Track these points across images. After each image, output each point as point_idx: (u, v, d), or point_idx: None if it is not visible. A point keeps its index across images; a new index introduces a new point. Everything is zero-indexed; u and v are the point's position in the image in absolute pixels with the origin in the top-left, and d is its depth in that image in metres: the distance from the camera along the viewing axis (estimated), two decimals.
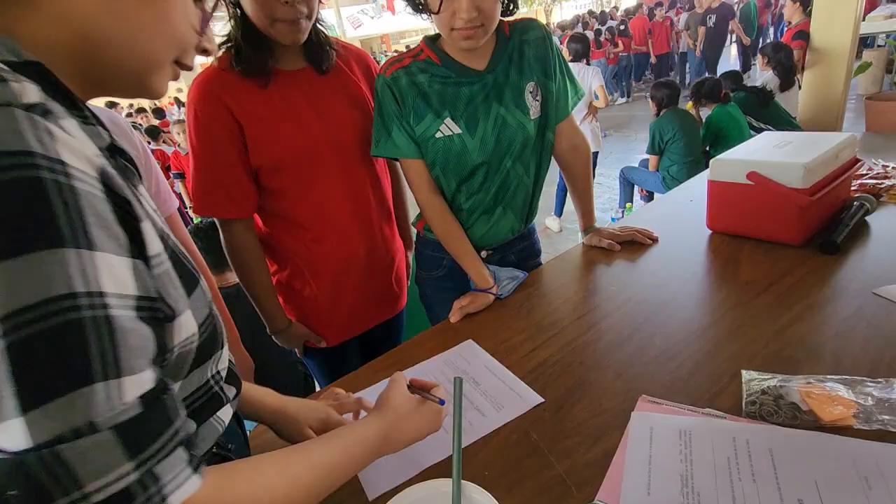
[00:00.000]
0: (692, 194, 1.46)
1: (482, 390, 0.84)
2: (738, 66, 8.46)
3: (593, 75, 3.79)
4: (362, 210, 1.14)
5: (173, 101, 11.89)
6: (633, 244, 1.23)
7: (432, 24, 1.00)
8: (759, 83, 3.85)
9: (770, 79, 3.89)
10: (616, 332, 0.92)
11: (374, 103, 1.06)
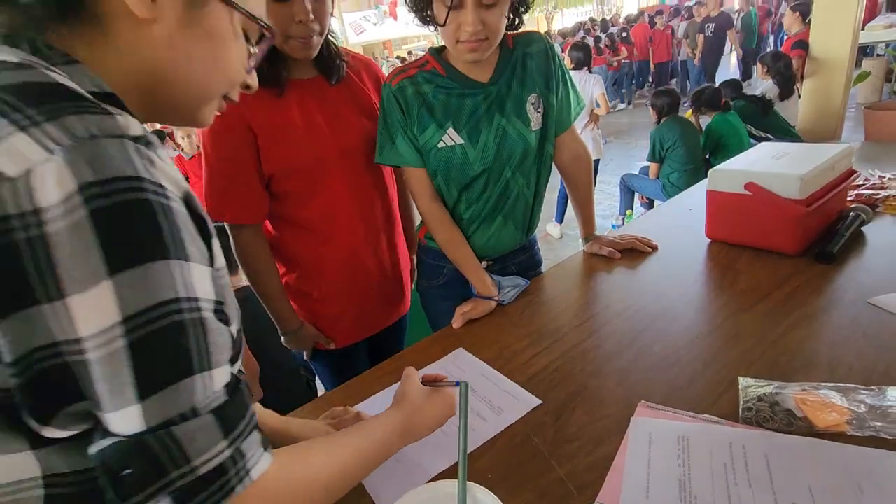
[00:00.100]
0: (691, 203, 1.48)
1: (480, 396, 0.86)
2: (737, 74, 8.48)
3: (594, 83, 3.83)
4: (368, 214, 1.16)
5: None
6: (633, 252, 1.25)
7: (433, 32, 1.02)
8: (758, 92, 3.88)
9: (769, 88, 3.91)
10: (616, 339, 0.94)
11: (379, 112, 1.08)
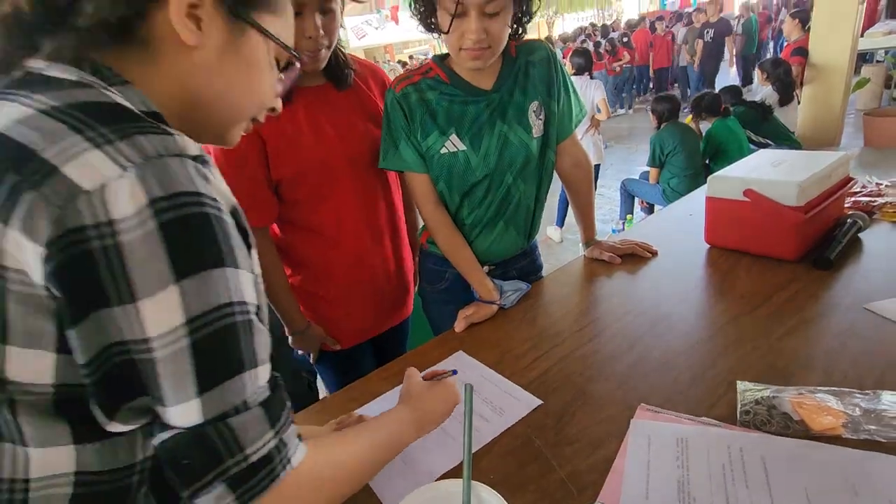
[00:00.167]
0: (691, 209, 1.49)
1: (482, 397, 0.87)
2: (737, 80, 8.50)
3: (595, 88, 3.86)
4: (374, 219, 1.18)
5: None
6: (634, 257, 1.26)
7: (436, 37, 1.03)
8: (758, 98, 3.90)
9: (769, 94, 3.94)
10: (616, 343, 0.95)
11: (383, 117, 1.10)
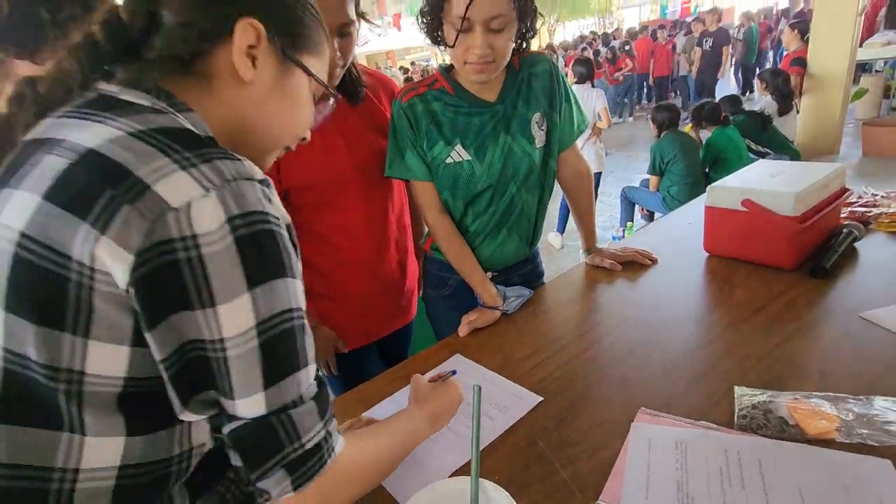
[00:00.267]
0: (691, 217, 1.51)
1: (484, 397, 0.88)
2: (736, 90, 8.53)
3: (597, 97, 3.90)
4: (381, 225, 1.21)
5: None
6: (634, 265, 1.28)
7: (442, 50, 1.06)
8: (757, 107, 3.94)
9: (768, 103, 3.97)
10: (617, 349, 0.97)
11: (389, 127, 1.12)
